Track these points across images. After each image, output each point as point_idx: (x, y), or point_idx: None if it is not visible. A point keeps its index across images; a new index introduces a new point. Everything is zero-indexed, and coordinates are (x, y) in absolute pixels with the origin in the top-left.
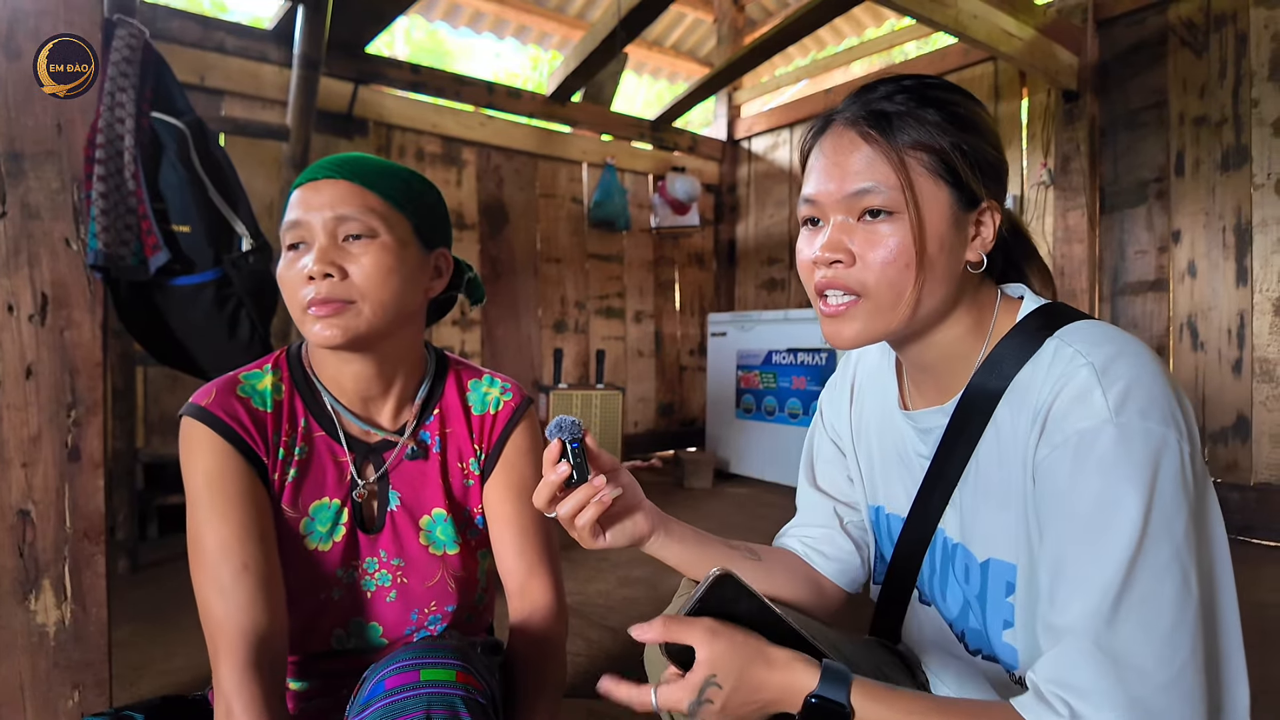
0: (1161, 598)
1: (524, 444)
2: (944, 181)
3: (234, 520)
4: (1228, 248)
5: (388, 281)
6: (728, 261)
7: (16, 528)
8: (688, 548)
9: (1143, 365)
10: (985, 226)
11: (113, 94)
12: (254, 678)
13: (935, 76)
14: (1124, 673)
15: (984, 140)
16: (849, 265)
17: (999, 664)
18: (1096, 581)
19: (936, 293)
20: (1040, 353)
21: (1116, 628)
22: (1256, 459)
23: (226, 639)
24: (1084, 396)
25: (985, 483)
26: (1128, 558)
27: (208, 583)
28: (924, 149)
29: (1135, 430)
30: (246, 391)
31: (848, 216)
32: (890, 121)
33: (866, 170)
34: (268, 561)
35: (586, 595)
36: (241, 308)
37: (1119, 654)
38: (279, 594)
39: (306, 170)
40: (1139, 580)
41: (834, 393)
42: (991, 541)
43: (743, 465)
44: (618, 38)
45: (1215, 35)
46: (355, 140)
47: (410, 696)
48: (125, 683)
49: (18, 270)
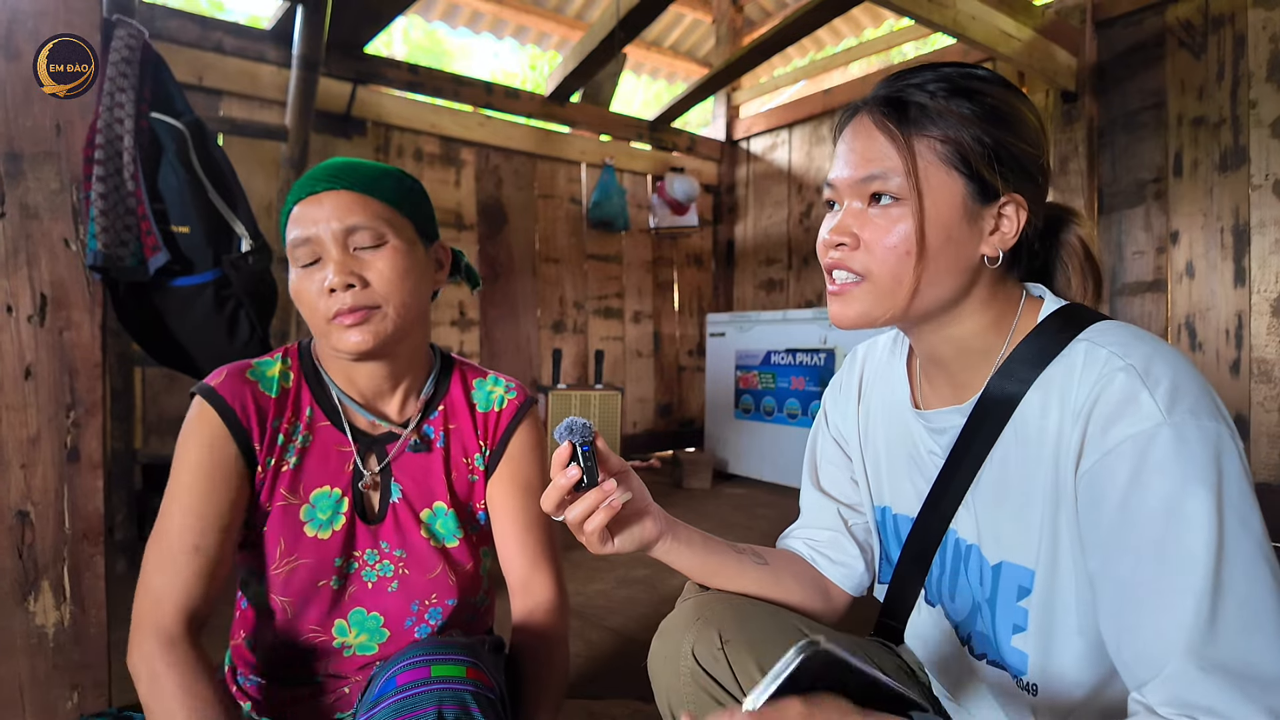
0: (1258, 598)
1: (528, 441)
2: (958, 172)
3: (203, 503)
4: (1226, 248)
5: (405, 283)
6: (726, 262)
7: (15, 529)
8: (695, 553)
9: (1179, 363)
10: (1007, 221)
11: (112, 94)
12: (183, 644)
13: (980, 67)
14: (1245, 685)
15: (1015, 134)
16: (854, 248)
17: (1005, 669)
18: (1186, 593)
19: (941, 282)
20: (1068, 354)
21: (1221, 639)
22: (1255, 459)
23: (159, 609)
24: (1130, 399)
25: (1003, 485)
26: (1212, 562)
27: (157, 554)
28: (939, 139)
29: (1190, 429)
30: (255, 375)
31: (860, 201)
32: (907, 110)
33: (878, 157)
34: (219, 550)
35: (587, 596)
36: (241, 308)
37: (1231, 666)
38: (218, 583)
39: (302, 184)
40: (1230, 583)
41: (839, 392)
42: (1006, 544)
43: (741, 466)
44: (616, 38)
45: (1213, 36)
46: (354, 140)
47: (422, 692)
48: (124, 684)
49: (17, 271)
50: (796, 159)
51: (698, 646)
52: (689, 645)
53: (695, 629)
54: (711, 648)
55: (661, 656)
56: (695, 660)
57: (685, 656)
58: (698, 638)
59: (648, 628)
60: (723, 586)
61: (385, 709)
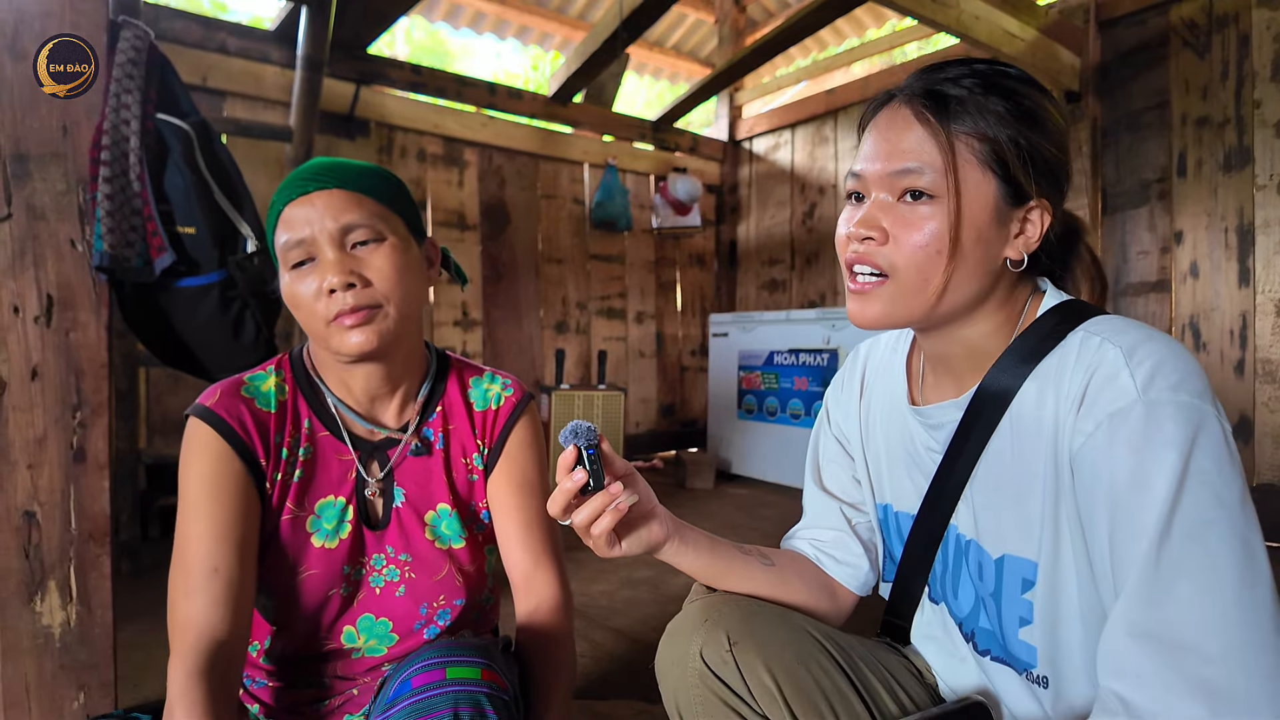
0: (1215, 569)
1: (526, 438)
2: (993, 173)
3: (216, 523)
4: (1230, 249)
5: (404, 280)
6: (729, 262)
7: (22, 529)
8: (702, 554)
9: (1171, 348)
10: (1032, 225)
11: (118, 95)
12: (202, 682)
13: (1012, 65)
14: (1178, 655)
15: (1046, 138)
16: (881, 243)
17: (1009, 666)
18: (1134, 563)
19: (966, 284)
20: (1066, 344)
21: (1160, 607)
22: (1259, 460)
23: (184, 640)
24: (1112, 379)
25: (1001, 477)
26: (1160, 528)
27: (179, 581)
28: (977, 137)
29: (1166, 404)
30: (250, 392)
31: (889, 195)
32: (947, 104)
33: (914, 150)
34: (240, 568)
35: (590, 596)
36: (246, 309)
37: (1165, 635)
38: (246, 602)
39: (289, 184)
40: (1179, 552)
41: (841, 390)
42: (1007, 537)
43: (744, 466)
44: (619, 39)
45: (1217, 36)
46: (357, 141)
47: (437, 694)
48: (129, 684)
49: (23, 272)
50: (799, 159)
51: (706, 649)
52: (697, 647)
53: (703, 631)
54: (720, 650)
55: (669, 658)
56: (703, 662)
57: (693, 658)
58: (705, 640)
59: (652, 628)
60: (730, 588)
61: (401, 711)
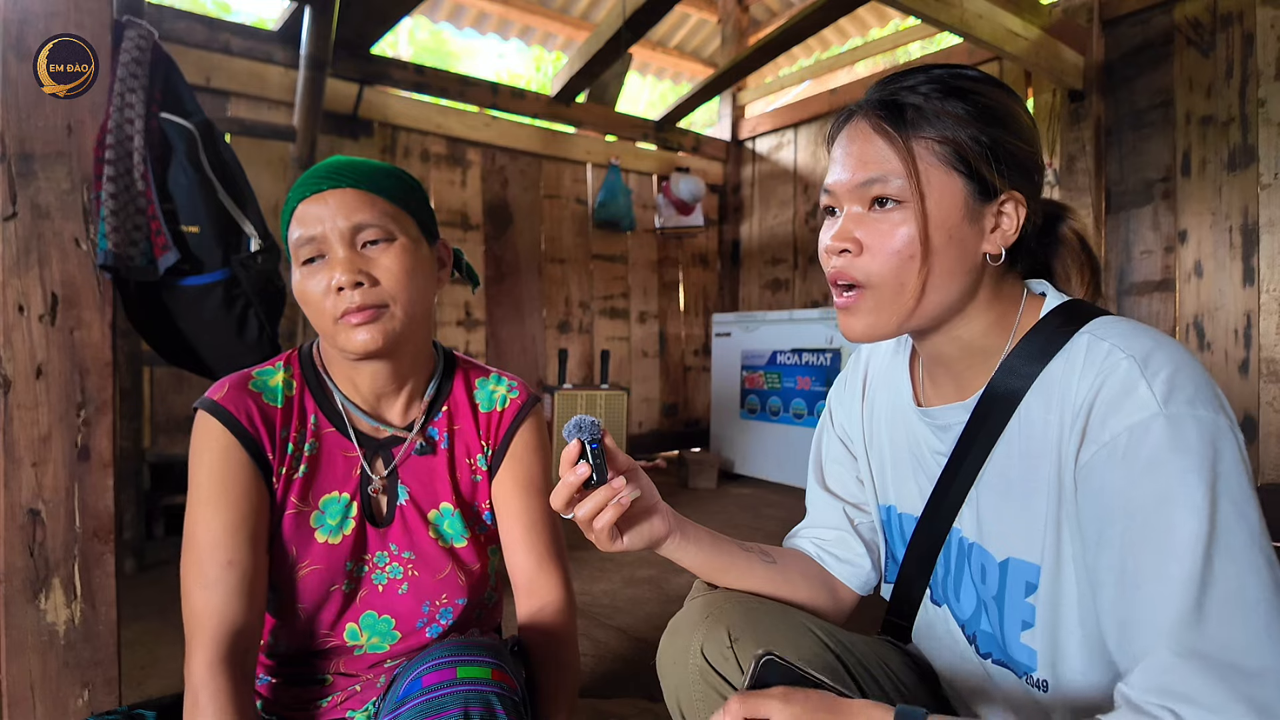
0: (1248, 589)
1: (530, 440)
2: (958, 172)
3: (227, 515)
4: (1234, 247)
5: (412, 281)
6: (732, 262)
7: (27, 527)
8: (704, 550)
9: (1180, 356)
10: (1007, 218)
11: (122, 95)
12: (224, 671)
13: (970, 67)
14: (1226, 674)
15: (1010, 132)
16: (856, 255)
17: (1009, 669)
18: (1174, 581)
19: (946, 284)
20: (1070, 348)
21: (1205, 627)
22: (1264, 459)
23: (203, 631)
24: (1129, 390)
25: (1006, 480)
26: (1201, 550)
27: (193, 574)
28: (938, 140)
29: (1186, 419)
30: (258, 387)
31: (860, 206)
32: (903, 112)
33: (876, 160)
34: (253, 560)
35: (592, 595)
36: (250, 308)
37: (1214, 655)
38: (260, 593)
39: (304, 181)
40: (1219, 573)
41: (844, 391)
42: (1011, 540)
43: (747, 466)
44: (622, 38)
45: (1222, 34)
46: (360, 141)
47: (448, 694)
48: (133, 682)
49: (28, 270)
50: (802, 159)
51: (707, 645)
52: (698, 644)
53: (704, 627)
54: (721, 646)
55: (671, 655)
56: (705, 659)
57: (695, 655)
58: (707, 636)
59: (654, 627)
60: (731, 585)
61: (411, 709)
